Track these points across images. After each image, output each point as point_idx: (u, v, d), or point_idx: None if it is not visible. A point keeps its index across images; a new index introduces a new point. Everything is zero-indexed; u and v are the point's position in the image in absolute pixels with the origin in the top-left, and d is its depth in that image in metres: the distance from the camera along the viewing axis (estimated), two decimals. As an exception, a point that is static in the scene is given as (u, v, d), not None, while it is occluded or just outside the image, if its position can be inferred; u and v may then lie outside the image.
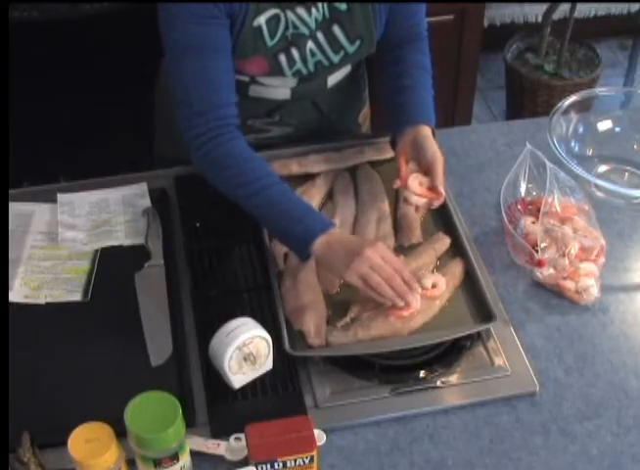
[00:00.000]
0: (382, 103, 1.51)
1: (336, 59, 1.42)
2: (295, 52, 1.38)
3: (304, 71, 1.42)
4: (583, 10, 3.23)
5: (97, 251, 1.42)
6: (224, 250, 1.41)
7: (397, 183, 1.41)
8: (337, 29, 1.39)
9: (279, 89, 1.48)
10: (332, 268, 1.27)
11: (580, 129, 1.65)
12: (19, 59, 1.86)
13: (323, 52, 1.41)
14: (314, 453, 1.05)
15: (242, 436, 1.11)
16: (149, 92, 1.70)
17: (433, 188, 1.38)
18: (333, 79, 1.51)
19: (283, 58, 1.38)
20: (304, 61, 1.40)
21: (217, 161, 1.33)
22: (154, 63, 1.64)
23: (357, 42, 1.41)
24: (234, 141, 1.33)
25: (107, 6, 2.14)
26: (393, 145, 1.48)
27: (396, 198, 1.49)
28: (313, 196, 1.48)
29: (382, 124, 1.51)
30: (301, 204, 1.31)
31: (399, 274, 1.24)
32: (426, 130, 1.41)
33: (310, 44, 1.39)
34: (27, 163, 1.95)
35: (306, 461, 1.05)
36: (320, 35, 1.39)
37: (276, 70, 1.40)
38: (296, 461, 1.05)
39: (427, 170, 1.39)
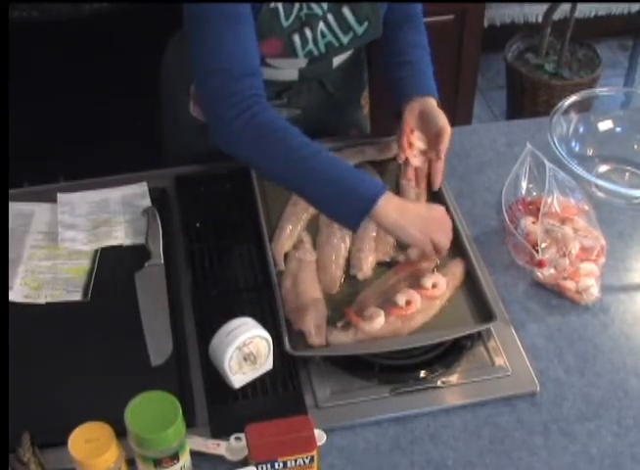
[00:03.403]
0: (384, 80, 1.53)
1: (345, 40, 1.44)
2: (308, 32, 1.40)
3: (315, 52, 1.43)
4: (584, 10, 3.23)
5: (97, 250, 1.42)
6: (224, 249, 1.41)
7: (402, 156, 1.45)
8: (346, 11, 1.40)
9: (287, 70, 1.49)
10: (403, 234, 1.25)
11: (581, 129, 1.65)
12: (19, 59, 1.87)
13: (333, 33, 1.42)
14: (314, 453, 1.05)
15: (242, 436, 1.11)
16: (149, 92, 1.70)
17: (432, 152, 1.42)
18: (337, 60, 1.53)
19: (297, 38, 1.39)
20: (315, 41, 1.41)
21: (260, 128, 1.25)
22: (153, 62, 1.64)
23: (365, 23, 1.43)
24: (271, 110, 1.28)
25: (106, 6, 2.15)
26: (399, 116, 1.48)
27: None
28: (313, 196, 1.47)
29: (380, 109, 1.52)
30: (352, 170, 1.27)
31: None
32: (433, 102, 1.45)
33: (321, 25, 1.40)
34: (27, 163, 1.95)
35: (307, 461, 1.05)
36: (330, 16, 1.40)
37: (289, 51, 1.41)
38: (296, 461, 1.05)
39: (434, 139, 1.42)
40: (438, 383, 1.22)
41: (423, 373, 1.23)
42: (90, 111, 2.24)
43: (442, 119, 1.43)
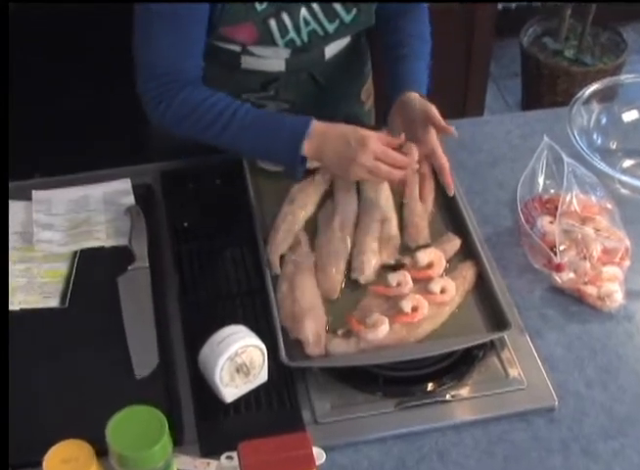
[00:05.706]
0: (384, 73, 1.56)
1: (331, 28, 1.45)
2: (286, 18, 1.41)
3: (298, 42, 1.45)
4: (606, -10, 3.23)
5: (76, 253, 1.42)
6: (215, 251, 1.41)
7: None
8: None
9: (272, 60, 1.50)
10: (334, 169, 1.40)
11: (603, 120, 1.66)
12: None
13: (317, 21, 1.43)
14: (313, 473, 1.05)
15: (234, 454, 1.11)
16: (133, 84, 1.71)
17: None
18: (331, 51, 1.54)
19: (273, 23, 1.41)
20: (297, 30, 1.43)
21: (177, 112, 1.41)
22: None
23: (354, 11, 1.44)
24: (187, 87, 1.41)
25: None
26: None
27: (402, 195, 1.49)
28: (311, 194, 1.48)
29: (384, 103, 1.53)
30: (274, 114, 1.45)
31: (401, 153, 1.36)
32: (413, 95, 1.45)
33: (304, 11, 1.41)
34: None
35: (304, 482, 1.05)
36: (315, 3, 1.41)
37: (266, 38, 1.43)
38: (293, 482, 1.05)
39: (423, 123, 1.41)
40: (448, 396, 1.23)
41: (431, 386, 1.24)
42: (69, 103, 2.25)
43: (420, 102, 1.42)
